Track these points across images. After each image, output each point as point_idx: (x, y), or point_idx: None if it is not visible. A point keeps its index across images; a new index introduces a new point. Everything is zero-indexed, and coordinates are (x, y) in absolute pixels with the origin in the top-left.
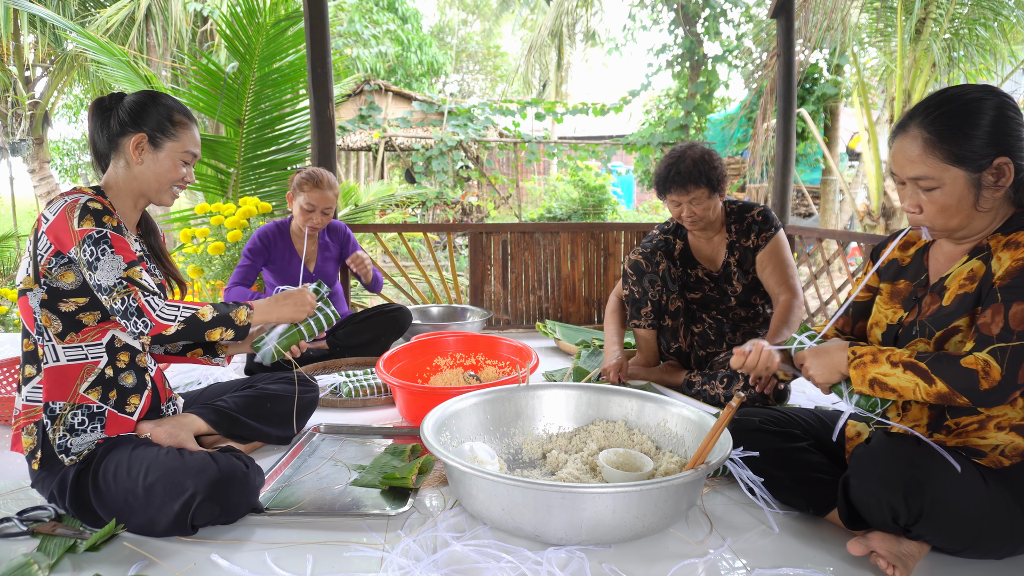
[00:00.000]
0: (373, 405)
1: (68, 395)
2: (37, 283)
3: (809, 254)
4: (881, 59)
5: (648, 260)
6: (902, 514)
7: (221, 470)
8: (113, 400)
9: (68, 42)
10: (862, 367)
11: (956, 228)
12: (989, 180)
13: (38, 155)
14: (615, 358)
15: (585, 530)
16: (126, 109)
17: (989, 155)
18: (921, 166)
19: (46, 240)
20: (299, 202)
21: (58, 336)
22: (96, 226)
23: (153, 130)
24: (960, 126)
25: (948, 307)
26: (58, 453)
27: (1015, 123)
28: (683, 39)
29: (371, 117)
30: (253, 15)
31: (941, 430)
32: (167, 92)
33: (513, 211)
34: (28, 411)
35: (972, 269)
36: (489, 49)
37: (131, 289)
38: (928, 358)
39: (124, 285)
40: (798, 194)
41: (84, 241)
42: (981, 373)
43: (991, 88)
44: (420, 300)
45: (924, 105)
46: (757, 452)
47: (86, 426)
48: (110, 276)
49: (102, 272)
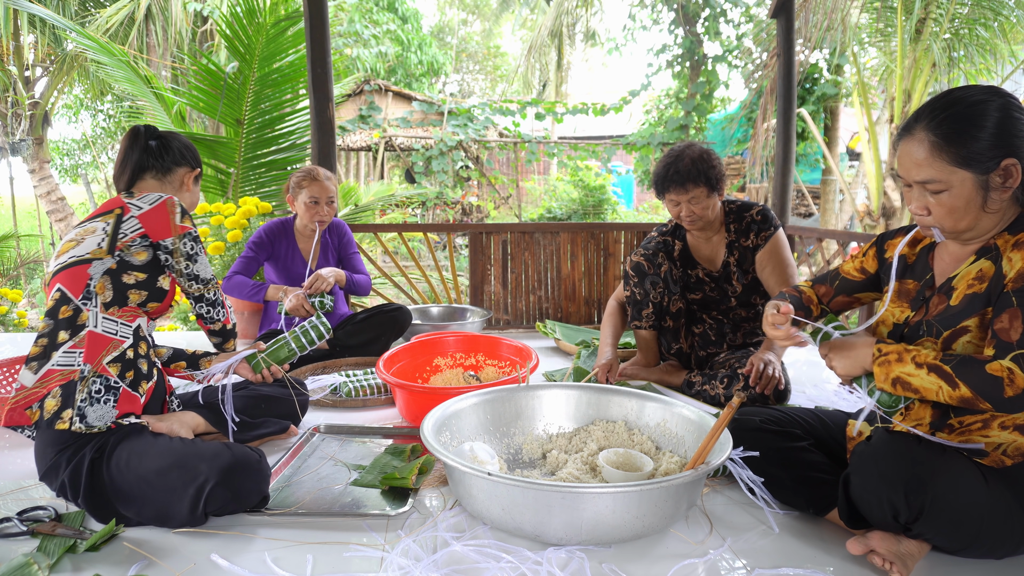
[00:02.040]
0: (373, 405)
1: (95, 361)
2: (110, 254)
3: (809, 254)
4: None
5: (650, 262)
6: (903, 512)
7: (235, 456)
8: (129, 379)
9: (68, 42)
10: (886, 365)
11: (965, 229)
12: (997, 181)
13: (38, 155)
14: (606, 359)
15: (585, 530)
16: (187, 149)
17: (996, 156)
18: (928, 169)
19: (136, 223)
20: (302, 199)
21: (104, 305)
22: (192, 225)
23: (200, 172)
24: (966, 128)
25: (956, 307)
26: (74, 416)
27: (1021, 124)
28: (683, 39)
29: (371, 117)
30: (253, 15)
31: (944, 428)
32: (167, 92)
33: (513, 211)
34: (58, 375)
35: (981, 269)
36: (489, 49)
37: (219, 284)
38: (953, 362)
39: (215, 280)
40: (798, 194)
41: (185, 236)
42: (1006, 380)
43: (996, 89)
44: (420, 300)
45: (929, 108)
46: (757, 452)
47: (102, 396)
48: (207, 270)
49: (202, 265)
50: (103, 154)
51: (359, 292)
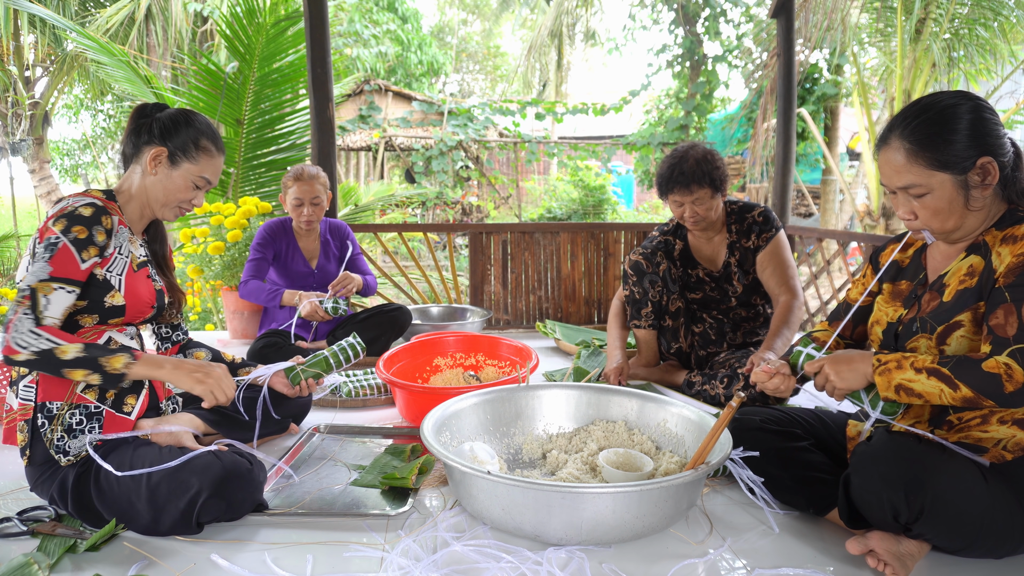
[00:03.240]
0: (373, 405)
1: (66, 395)
2: None
3: (809, 254)
4: (881, 59)
5: (648, 260)
6: (903, 512)
7: (226, 467)
8: (110, 400)
9: (68, 42)
10: (887, 373)
11: (953, 229)
12: (976, 180)
13: (38, 155)
14: (616, 362)
15: (585, 530)
16: (160, 121)
17: (971, 156)
18: (908, 175)
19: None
20: (288, 199)
21: None
22: (62, 232)
23: (176, 147)
24: (939, 132)
25: (948, 303)
26: (55, 454)
27: (992, 123)
28: (683, 39)
29: (371, 117)
30: (253, 15)
31: (943, 425)
32: (167, 92)
33: (513, 211)
34: (22, 409)
35: (971, 265)
36: (489, 49)
37: (24, 302)
38: (950, 363)
39: (24, 293)
40: (798, 194)
41: (44, 241)
42: (1004, 376)
43: (965, 93)
44: (420, 300)
45: (902, 116)
46: (757, 452)
47: (84, 426)
48: (29, 278)
49: (28, 272)
50: (103, 154)
51: (367, 293)
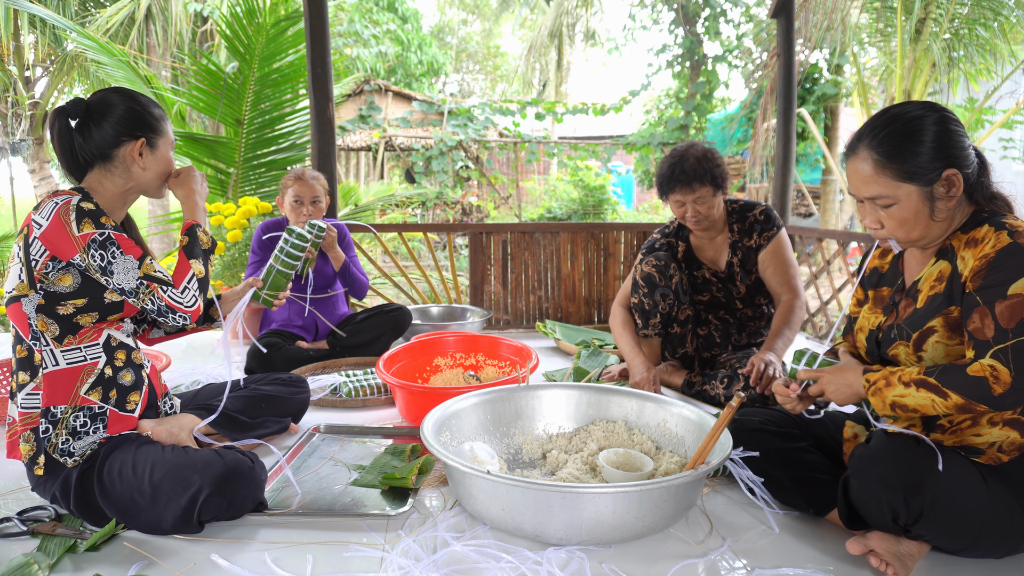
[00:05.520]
0: (373, 405)
1: (69, 398)
2: (32, 288)
3: (809, 254)
4: (881, 59)
5: (661, 273)
6: (902, 514)
7: (227, 464)
8: (114, 399)
9: (68, 42)
10: (879, 393)
11: (919, 238)
12: (941, 191)
13: (38, 155)
14: (641, 374)
15: (585, 530)
16: (115, 119)
17: (937, 168)
18: (875, 186)
19: (40, 246)
20: (288, 200)
21: (56, 340)
22: (97, 228)
23: (148, 133)
24: (906, 144)
25: (921, 309)
26: (60, 457)
27: (957, 136)
28: (683, 39)
29: (371, 117)
30: (253, 15)
31: (936, 429)
32: (167, 92)
33: (513, 211)
34: (25, 418)
35: (940, 270)
36: (489, 49)
37: (152, 288)
38: (936, 372)
39: (145, 285)
40: (798, 194)
41: (89, 246)
42: (991, 379)
43: (931, 104)
44: (420, 300)
45: (869, 127)
46: (757, 452)
47: (88, 427)
48: (130, 279)
49: (120, 275)
50: None
51: (356, 290)
